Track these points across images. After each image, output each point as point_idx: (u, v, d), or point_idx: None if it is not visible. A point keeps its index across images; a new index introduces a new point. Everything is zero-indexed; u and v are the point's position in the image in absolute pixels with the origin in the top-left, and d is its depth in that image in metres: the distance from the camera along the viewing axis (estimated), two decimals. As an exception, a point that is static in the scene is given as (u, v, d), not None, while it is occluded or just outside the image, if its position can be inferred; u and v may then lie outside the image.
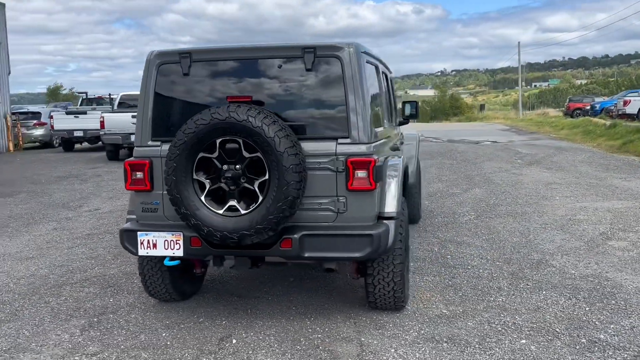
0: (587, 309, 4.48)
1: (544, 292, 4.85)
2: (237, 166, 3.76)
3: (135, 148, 4.24)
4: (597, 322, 4.21)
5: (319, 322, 4.30)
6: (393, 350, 3.82)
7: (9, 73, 22.09)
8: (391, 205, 4.12)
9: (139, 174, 4.13)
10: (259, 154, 3.71)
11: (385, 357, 3.72)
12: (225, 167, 3.78)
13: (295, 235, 3.87)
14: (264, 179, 3.74)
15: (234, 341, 4.01)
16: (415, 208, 7.20)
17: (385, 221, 4.07)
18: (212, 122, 3.68)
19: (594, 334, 4.00)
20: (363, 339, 4.00)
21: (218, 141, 3.75)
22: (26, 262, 6.24)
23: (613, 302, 4.61)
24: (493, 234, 6.89)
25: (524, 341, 3.92)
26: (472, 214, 8.09)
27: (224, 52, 4.15)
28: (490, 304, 4.63)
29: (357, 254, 3.90)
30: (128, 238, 4.14)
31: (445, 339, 3.96)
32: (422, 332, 4.11)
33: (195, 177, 3.80)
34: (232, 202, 3.80)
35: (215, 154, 3.78)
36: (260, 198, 3.75)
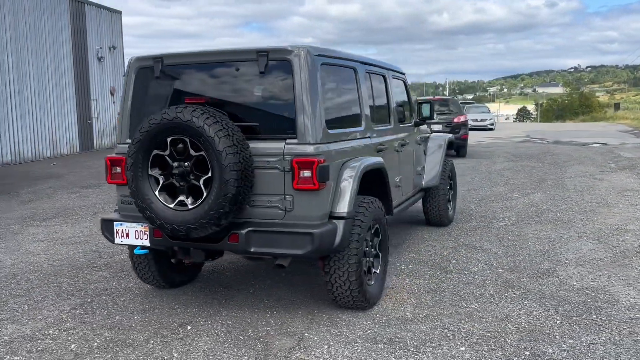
0: (558, 321, 4.26)
1: (524, 302, 4.65)
2: (186, 163, 4.02)
3: (116, 145, 4.64)
4: (557, 336, 4.00)
5: (277, 316, 4.46)
6: (326, 347, 3.90)
7: (124, 75, 23.94)
8: (343, 205, 4.18)
9: (118, 169, 4.52)
10: (203, 153, 3.94)
11: (315, 353, 3.81)
12: (175, 164, 4.05)
13: (242, 231, 4.06)
14: (207, 176, 3.96)
15: (189, 327, 4.29)
16: (441, 211, 7.09)
17: (335, 221, 4.15)
18: (162, 122, 3.97)
19: (543, 347, 3.82)
20: (306, 335, 4.11)
21: (169, 140, 4.02)
22: (71, 246, 6.92)
23: (593, 317, 4.34)
24: (518, 240, 6.62)
25: (462, 349, 3.83)
26: (512, 219, 7.78)
27: (189, 56, 4.43)
28: (459, 310, 4.53)
29: (298, 251, 4.02)
30: (106, 227, 4.55)
31: (385, 340, 3.97)
32: (369, 332, 4.14)
33: (150, 172, 4.11)
34: (182, 197, 4.07)
35: (167, 152, 4.06)
36: (205, 194, 3.97)
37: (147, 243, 4.38)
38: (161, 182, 4.10)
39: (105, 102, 21.60)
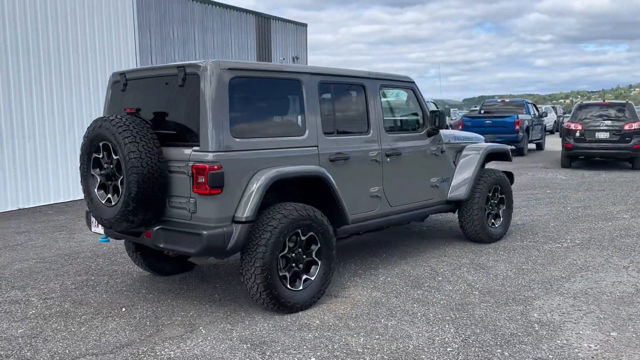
0: (446, 339, 3.96)
1: (450, 328, 4.36)
2: (111, 166, 4.62)
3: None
4: (405, 353, 3.76)
5: (189, 309, 4.84)
6: (201, 340, 4.19)
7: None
8: (244, 210, 4.42)
9: (97, 169, 5.32)
10: (119, 157, 4.51)
11: (189, 343, 4.13)
12: (105, 165, 4.68)
13: (154, 228, 4.55)
14: (122, 177, 4.52)
15: (123, 309, 4.89)
16: (477, 227, 6.69)
17: (236, 224, 4.41)
18: (93, 130, 4.63)
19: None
20: (200, 328, 4.43)
21: (100, 144, 4.66)
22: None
23: (483, 338, 3.94)
24: (545, 264, 5.99)
25: (313, 358, 3.83)
26: (576, 242, 6.96)
27: (140, 71, 5.04)
28: (375, 325, 4.42)
29: (191, 250, 4.38)
30: (87, 218, 5.37)
31: (256, 342, 4.12)
32: (254, 333, 4.30)
33: (92, 172, 4.80)
34: (109, 195, 4.68)
35: (101, 155, 4.70)
36: (121, 193, 4.54)
37: (103, 233, 5.10)
38: (98, 181, 4.77)
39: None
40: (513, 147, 20.01)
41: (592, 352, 3.90)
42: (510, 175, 7.42)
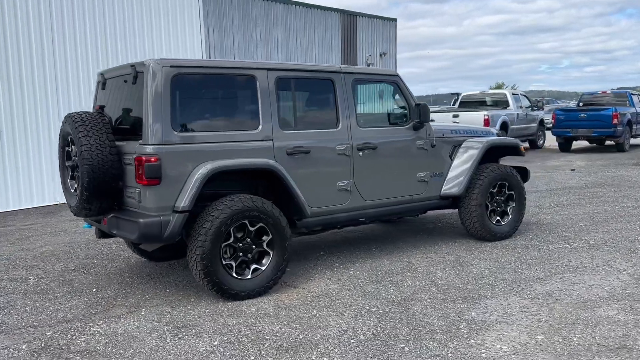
0: (358, 332, 3.95)
1: (372, 322, 4.33)
2: (76, 158, 5.05)
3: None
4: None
5: (169, 296, 5.16)
6: (133, 320, 4.49)
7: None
8: (181, 201, 4.66)
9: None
10: (79, 150, 4.93)
11: (113, 324, 4.45)
12: (74, 157, 5.12)
13: (109, 216, 4.93)
14: (81, 168, 4.93)
15: (94, 290, 5.32)
16: (476, 223, 6.47)
17: (174, 214, 4.67)
18: (62, 125, 5.09)
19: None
20: (143, 309, 4.74)
21: (69, 138, 5.11)
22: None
23: (398, 332, 3.87)
24: (532, 264, 5.68)
25: (215, 343, 3.99)
26: (585, 243, 6.50)
27: (111, 71, 5.43)
28: (303, 316, 4.49)
29: (132, 237, 4.71)
30: (77, 207, 5.89)
31: (178, 326, 4.35)
32: (187, 317, 4.54)
33: (66, 164, 5.26)
34: (76, 185, 5.12)
35: (71, 148, 5.15)
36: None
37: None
38: (70, 172, 5.23)
39: (375, 105, 23.38)
40: (612, 142, 18.62)
41: (497, 354, 3.72)
42: (524, 172, 7.05)
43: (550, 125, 19.71)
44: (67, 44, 10.91)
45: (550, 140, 20.28)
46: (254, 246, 4.98)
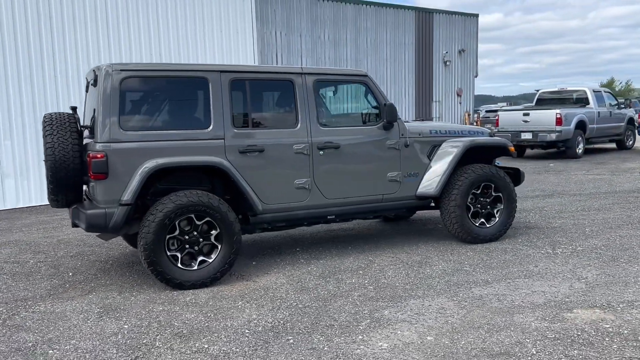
0: (263, 322, 4.13)
1: (284, 314, 4.48)
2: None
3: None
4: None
5: (125, 283, 5.58)
6: (68, 303, 4.93)
7: (476, 76, 24.63)
8: (125, 195, 5.04)
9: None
10: (50, 146, 5.45)
11: (56, 304, 4.90)
12: (47, 154, 5.66)
13: (72, 207, 5.43)
14: (51, 163, 5.45)
15: (70, 274, 5.85)
16: (456, 225, 6.37)
17: (120, 206, 5.07)
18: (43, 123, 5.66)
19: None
20: (89, 295, 5.17)
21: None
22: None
23: (299, 325, 4.00)
24: (491, 268, 5.52)
25: (127, 325, 4.32)
26: (571, 250, 6.18)
27: (89, 74, 5.91)
28: (229, 306, 4.72)
29: (83, 226, 5.15)
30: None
31: (109, 310, 4.71)
32: (124, 302, 4.91)
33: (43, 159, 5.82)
34: (47, 178, 5.66)
35: (51, 145, 5.69)
36: (55, 174, 5.48)
37: (70, 210, 6.15)
38: (47, 167, 5.78)
39: (450, 103, 22.95)
40: None
41: (373, 351, 3.74)
42: (516, 173, 6.81)
43: (638, 125, 18.44)
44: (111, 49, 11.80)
45: (642, 140, 18.97)
46: (201, 239, 5.27)
